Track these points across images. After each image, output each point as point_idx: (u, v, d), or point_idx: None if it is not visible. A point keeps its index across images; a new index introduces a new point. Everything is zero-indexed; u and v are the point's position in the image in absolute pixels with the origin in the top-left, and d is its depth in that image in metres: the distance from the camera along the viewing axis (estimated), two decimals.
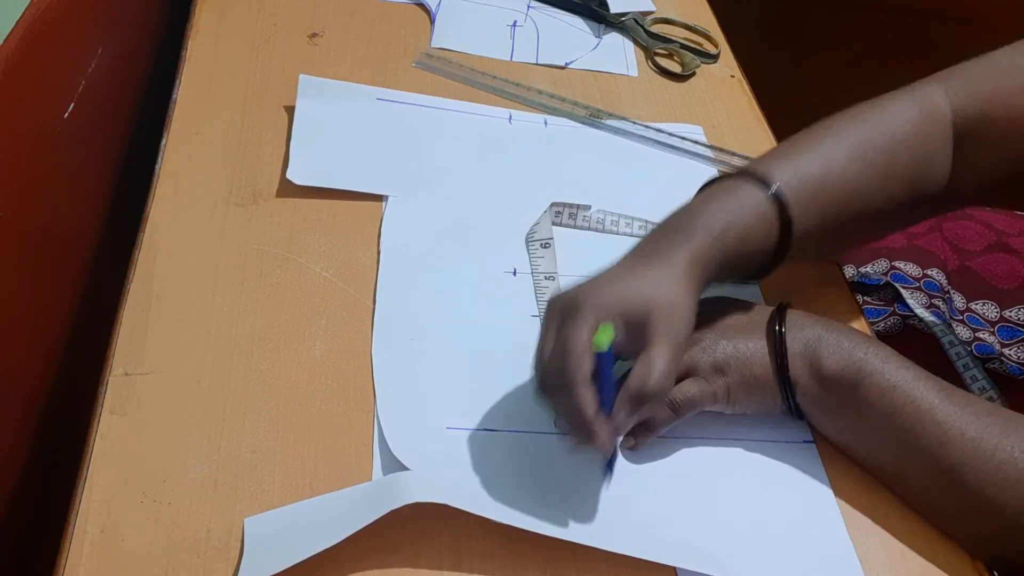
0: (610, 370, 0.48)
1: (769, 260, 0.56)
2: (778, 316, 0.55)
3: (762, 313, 0.56)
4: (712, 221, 0.52)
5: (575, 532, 0.48)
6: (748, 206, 0.53)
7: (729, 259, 0.53)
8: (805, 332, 0.54)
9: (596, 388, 0.47)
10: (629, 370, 0.49)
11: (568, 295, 0.50)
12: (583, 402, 0.47)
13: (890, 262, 0.81)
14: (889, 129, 0.58)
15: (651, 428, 0.54)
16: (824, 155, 0.56)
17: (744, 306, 0.58)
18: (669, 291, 0.49)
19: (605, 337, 0.47)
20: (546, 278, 0.64)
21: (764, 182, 0.54)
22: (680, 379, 0.54)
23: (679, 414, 0.53)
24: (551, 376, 0.49)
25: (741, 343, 0.54)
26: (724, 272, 0.54)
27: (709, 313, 0.57)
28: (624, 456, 0.54)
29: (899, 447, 0.52)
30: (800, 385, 0.53)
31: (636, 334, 0.49)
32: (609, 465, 0.51)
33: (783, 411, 0.55)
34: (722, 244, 0.52)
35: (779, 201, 0.54)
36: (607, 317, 0.48)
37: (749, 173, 0.55)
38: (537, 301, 0.63)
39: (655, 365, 0.47)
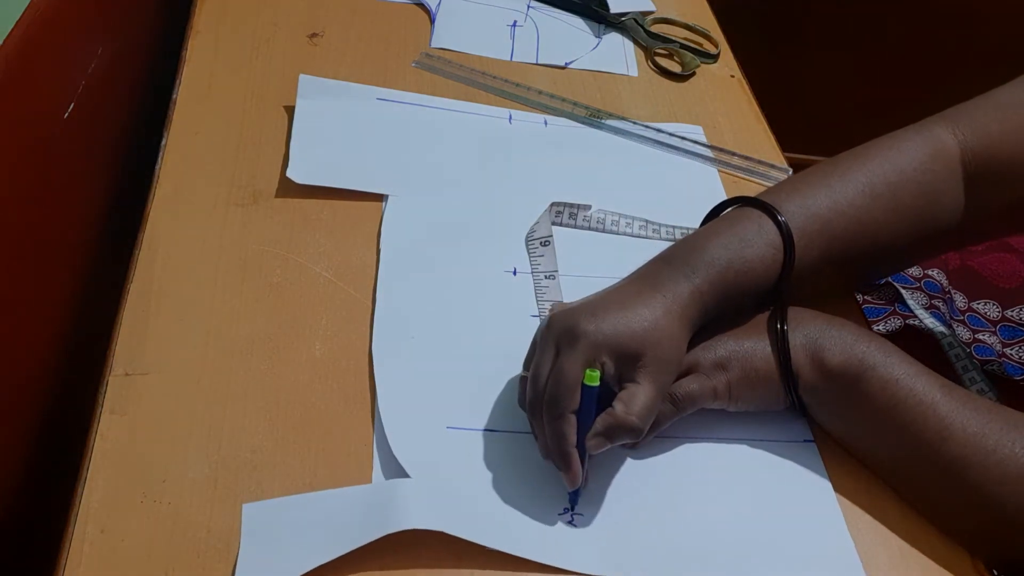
0: (592, 403, 0.49)
1: (771, 291, 0.56)
2: (779, 312, 0.55)
3: (763, 312, 0.56)
4: (717, 256, 0.54)
5: (569, 557, 0.48)
6: (754, 237, 0.55)
7: (731, 292, 0.54)
8: (807, 327, 0.54)
9: (576, 417, 0.50)
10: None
11: (568, 320, 0.51)
12: (564, 433, 0.49)
13: None
14: (896, 167, 0.59)
15: (652, 425, 0.53)
16: (831, 190, 0.57)
17: None
18: (665, 329, 0.51)
19: (595, 377, 0.49)
20: (546, 277, 0.64)
21: (772, 213, 0.55)
22: (682, 376, 0.54)
23: (680, 410, 0.53)
24: (538, 402, 0.51)
25: (743, 339, 0.54)
26: (724, 304, 0.54)
27: None
28: (625, 454, 0.54)
29: (900, 442, 0.52)
30: (802, 379, 0.53)
31: (626, 366, 0.50)
32: (574, 495, 0.51)
33: (786, 406, 0.55)
34: (724, 280, 0.53)
35: (785, 232, 0.55)
36: (602, 352, 0.50)
37: (758, 203, 0.56)
38: (537, 300, 0.63)
39: (637, 401, 0.49)
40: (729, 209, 0.58)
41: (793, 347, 0.53)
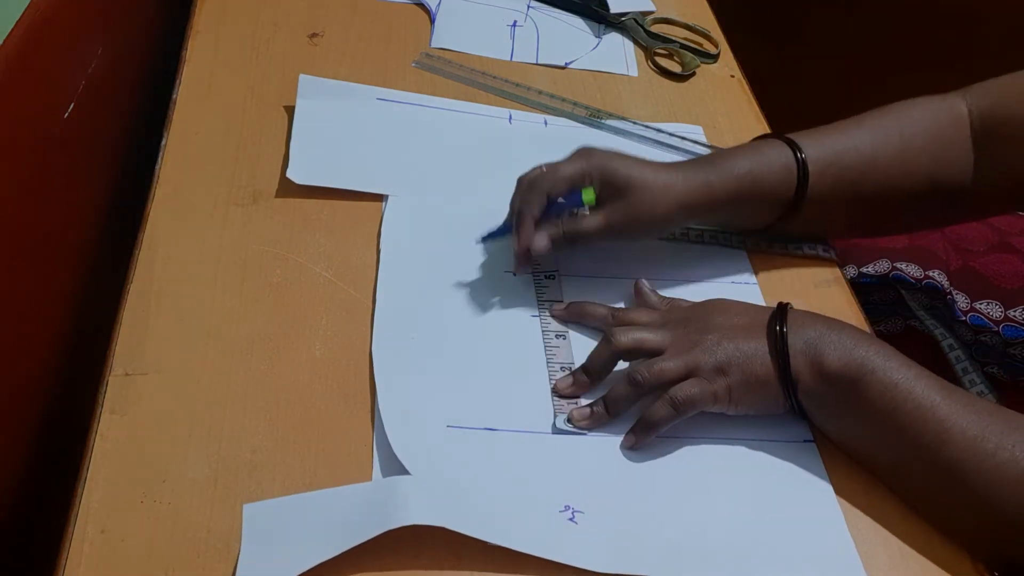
0: (563, 207, 0.60)
1: (782, 212, 0.64)
2: (779, 315, 0.55)
3: (763, 313, 0.56)
4: (738, 165, 0.62)
5: (571, 553, 0.48)
6: (773, 157, 0.63)
7: (743, 199, 0.62)
8: (807, 330, 0.54)
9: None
10: None
11: (593, 148, 0.62)
12: (531, 202, 0.60)
13: (891, 263, 0.81)
14: (908, 118, 0.65)
15: (651, 427, 0.54)
16: (846, 134, 0.65)
17: (745, 307, 0.58)
18: (655, 191, 0.60)
19: (591, 196, 0.60)
20: (546, 276, 0.64)
21: (792, 144, 0.63)
22: (682, 379, 0.54)
23: (680, 413, 0.53)
24: (530, 177, 0.62)
25: (742, 343, 0.55)
26: (736, 208, 0.63)
27: (711, 314, 0.57)
28: (625, 456, 0.54)
29: (900, 445, 0.52)
30: (802, 383, 0.53)
31: (606, 196, 0.60)
32: (521, 261, 0.62)
33: (785, 410, 0.55)
34: (738, 186, 0.62)
35: (801, 158, 0.62)
36: (595, 172, 0.60)
37: (782, 136, 0.64)
38: (538, 300, 0.63)
39: (594, 220, 0.60)
40: (760, 138, 0.67)
41: (792, 351, 0.53)
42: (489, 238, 0.64)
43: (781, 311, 0.55)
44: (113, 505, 0.48)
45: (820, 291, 0.67)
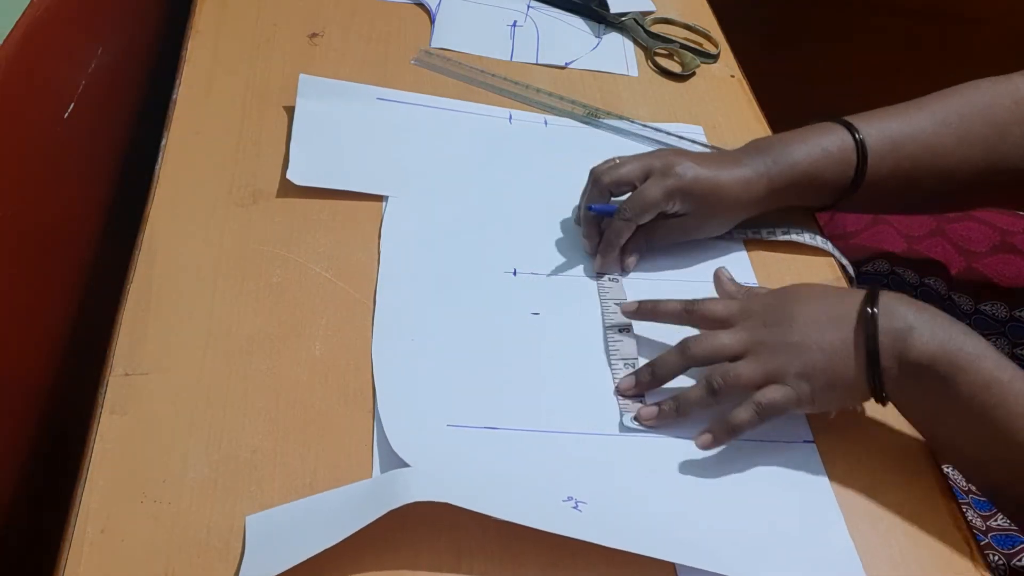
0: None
1: (839, 196, 0.65)
2: (870, 304, 0.53)
3: (848, 302, 0.54)
4: (797, 156, 0.64)
5: (574, 528, 0.48)
6: (831, 140, 0.64)
7: (802, 189, 0.64)
8: (896, 321, 0.52)
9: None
10: None
11: (672, 158, 0.64)
12: (621, 232, 0.64)
13: (891, 265, 0.81)
14: (968, 100, 0.65)
15: (734, 430, 0.54)
16: (906, 116, 0.65)
17: (826, 292, 0.56)
18: (726, 189, 0.63)
19: None
20: (610, 279, 0.65)
21: (851, 127, 0.64)
22: (762, 385, 0.53)
23: (763, 419, 0.53)
24: (598, 170, 0.66)
25: (827, 338, 0.53)
26: (796, 196, 0.65)
27: (791, 304, 0.56)
28: (627, 454, 0.55)
29: (990, 443, 0.51)
30: (889, 376, 0.52)
31: (687, 203, 0.63)
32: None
33: (866, 400, 0.55)
34: (795, 177, 0.63)
35: (859, 140, 0.63)
36: (678, 194, 0.63)
37: (840, 120, 0.65)
38: (600, 299, 0.64)
39: (648, 189, 0.63)
40: (819, 122, 0.66)
41: (881, 347, 0.52)
42: (595, 209, 0.66)
43: (872, 298, 0.53)
44: (113, 505, 0.48)
45: None
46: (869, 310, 0.52)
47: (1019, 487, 0.52)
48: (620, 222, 0.64)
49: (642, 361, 0.58)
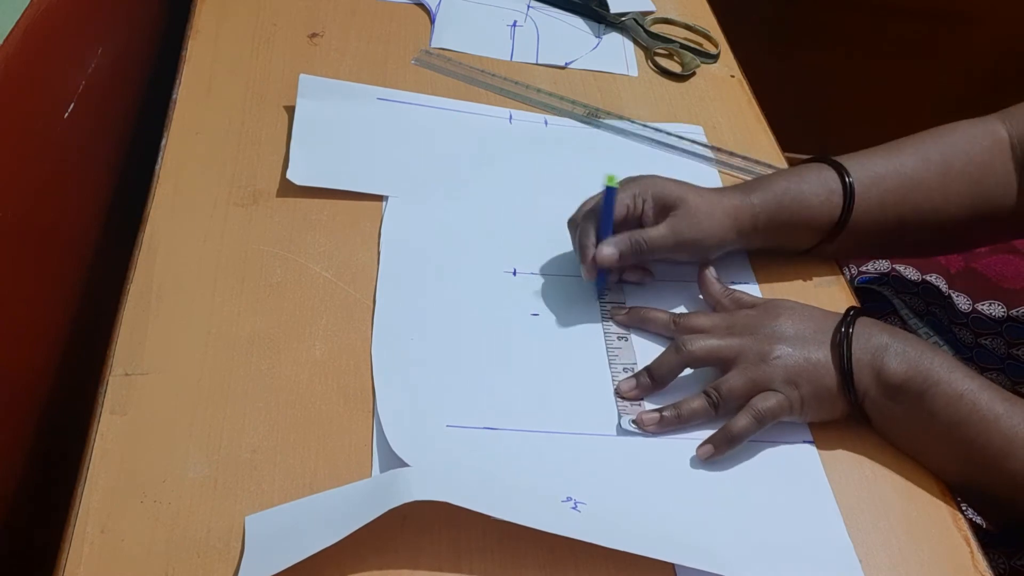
0: (611, 206, 0.60)
1: (824, 235, 0.64)
2: (844, 326, 0.55)
3: (829, 320, 0.57)
4: (777, 187, 0.63)
5: (573, 528, 0.48)
6: (814, 179, 0.63)
7: (785, 219, 0.63)
8: (872, 341, 0.55)
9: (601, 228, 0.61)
10: None
11: (642, 176, 0.63)
12: (587, 231, 0.61)
13: (891, 263, 0.81)
14: (949, 141, 0.65)
15: (735, 438, 0.54)
16: (888, 157, 0.65)
17: (811, 312, 0.58)
18: (705, 207, 0.61)
19: (613, 180, 0.59)
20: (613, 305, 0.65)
21: (835, 165, 0.63)
22: (755, 394, 0.55)
23: (761, 425, 0.54)
24: (588, 207, 0.62)
25: (811, 353, 0.55)
26: (777, 229, 0.63)
27: (777, 319, 0.57)
28: (626, 455, 0.54)
29: (966, 457, 0.53)
30: (866, 395, 0.54)
31: (660, 213, 0.61)
32: (600, 285, 0.63)
33: (849, 416, 0.56)
34: (779, 206, 0.62)
35: (848, 182, 0.62)
36: (648, 191, 0.61)
37: (827, 159, 0.65)
38: (600, 303, 0.63)
39: (653, 231, 0.60)
40: (806, 162, 0.66)
41: (857, 364, 0.54)
42: (599, 289, 0.64)
43: (849, 318, 0.56)
44: (113, 505, 0.48)
45: (820, 291, 0.67)
46: (843, 330, 0.55)
47: (1002, 503, 0.53)
48: (580, 223, 0.62)
49: (641, 366, 0.59)
